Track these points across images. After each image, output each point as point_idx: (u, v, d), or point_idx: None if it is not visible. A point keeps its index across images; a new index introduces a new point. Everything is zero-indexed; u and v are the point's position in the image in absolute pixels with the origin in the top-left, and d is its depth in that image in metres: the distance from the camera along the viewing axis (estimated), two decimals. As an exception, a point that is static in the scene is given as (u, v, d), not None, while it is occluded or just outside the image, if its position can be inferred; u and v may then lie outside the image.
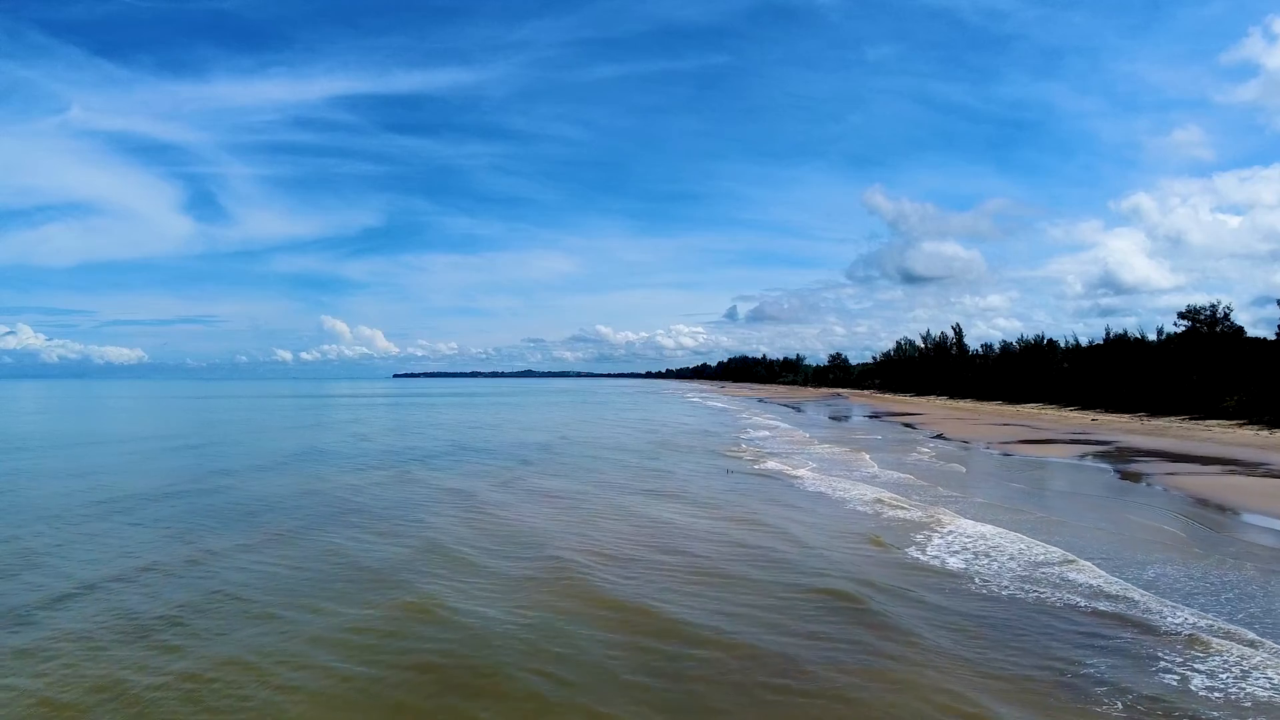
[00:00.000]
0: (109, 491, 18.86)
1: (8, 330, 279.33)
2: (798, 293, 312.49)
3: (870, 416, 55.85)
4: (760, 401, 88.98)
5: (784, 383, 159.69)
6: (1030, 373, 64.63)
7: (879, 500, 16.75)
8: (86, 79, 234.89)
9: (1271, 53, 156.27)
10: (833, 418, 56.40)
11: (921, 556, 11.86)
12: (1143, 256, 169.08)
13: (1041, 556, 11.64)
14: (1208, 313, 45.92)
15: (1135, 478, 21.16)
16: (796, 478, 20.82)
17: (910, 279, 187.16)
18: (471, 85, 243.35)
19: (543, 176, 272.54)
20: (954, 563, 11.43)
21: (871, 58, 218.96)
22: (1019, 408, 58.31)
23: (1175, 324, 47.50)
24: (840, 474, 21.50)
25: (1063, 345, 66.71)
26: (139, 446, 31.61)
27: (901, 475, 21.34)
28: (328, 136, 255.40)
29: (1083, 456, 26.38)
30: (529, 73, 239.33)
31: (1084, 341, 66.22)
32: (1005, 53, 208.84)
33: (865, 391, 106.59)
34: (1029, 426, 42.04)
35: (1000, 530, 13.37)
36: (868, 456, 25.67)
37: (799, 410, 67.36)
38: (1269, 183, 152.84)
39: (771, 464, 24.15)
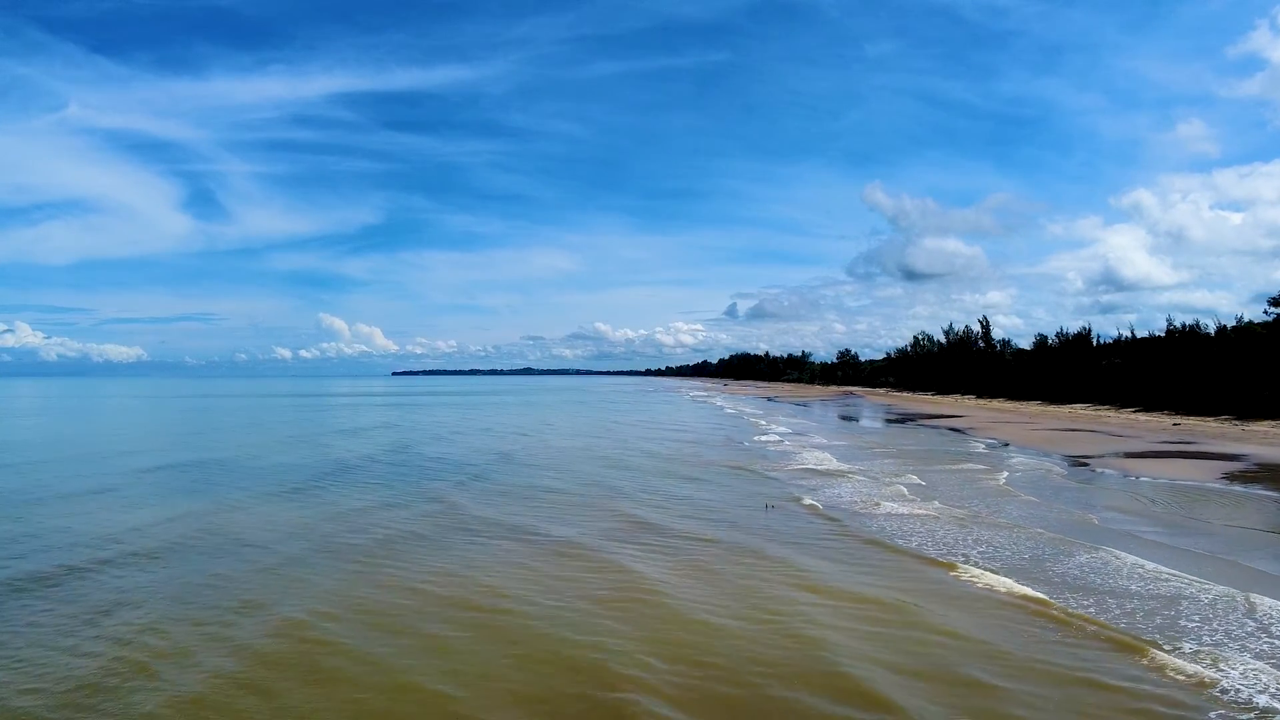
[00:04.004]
0: (57, 540, 14.08)
1: (6, 328, 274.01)
2: (797, 290, 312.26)
3: (903, 420, 51.14)
4: (771, 400, 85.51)
5: (788, 380, 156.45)
6: (1071, 369, 61.37)
7: (1162, 578, 11.84)
8: (84, 76, 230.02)
9: (1278, 46, 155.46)
10: (868, 422, 52.61)
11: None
12: (1143, 253, 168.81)
13: None
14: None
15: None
16: (925, 516, 16.45)
17: (911, 276, 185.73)
18: (471, 82, 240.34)
19: (542, 174, 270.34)
20: None
21: (871, 54, 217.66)
22: (1071, 408, 54.88)
23: (1266, 312, 43.36)
24: (993, 513, 17.58)
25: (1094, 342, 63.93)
26: (124, 464, 26.25)
27: (1071, 509, 17.36)
28: (327, 134, 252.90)
29: (1231, 479, 22.14)
30: (528, 70, 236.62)
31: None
32: (1005, 49, 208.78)
33: (880, 390, 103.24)
34: (1104, 433, 38.35)
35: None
36: (1003, 480, 21.60)
37: (822, 412, 63.83)
38: (1269, 179, 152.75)
39: (856, 485, 19.72)
